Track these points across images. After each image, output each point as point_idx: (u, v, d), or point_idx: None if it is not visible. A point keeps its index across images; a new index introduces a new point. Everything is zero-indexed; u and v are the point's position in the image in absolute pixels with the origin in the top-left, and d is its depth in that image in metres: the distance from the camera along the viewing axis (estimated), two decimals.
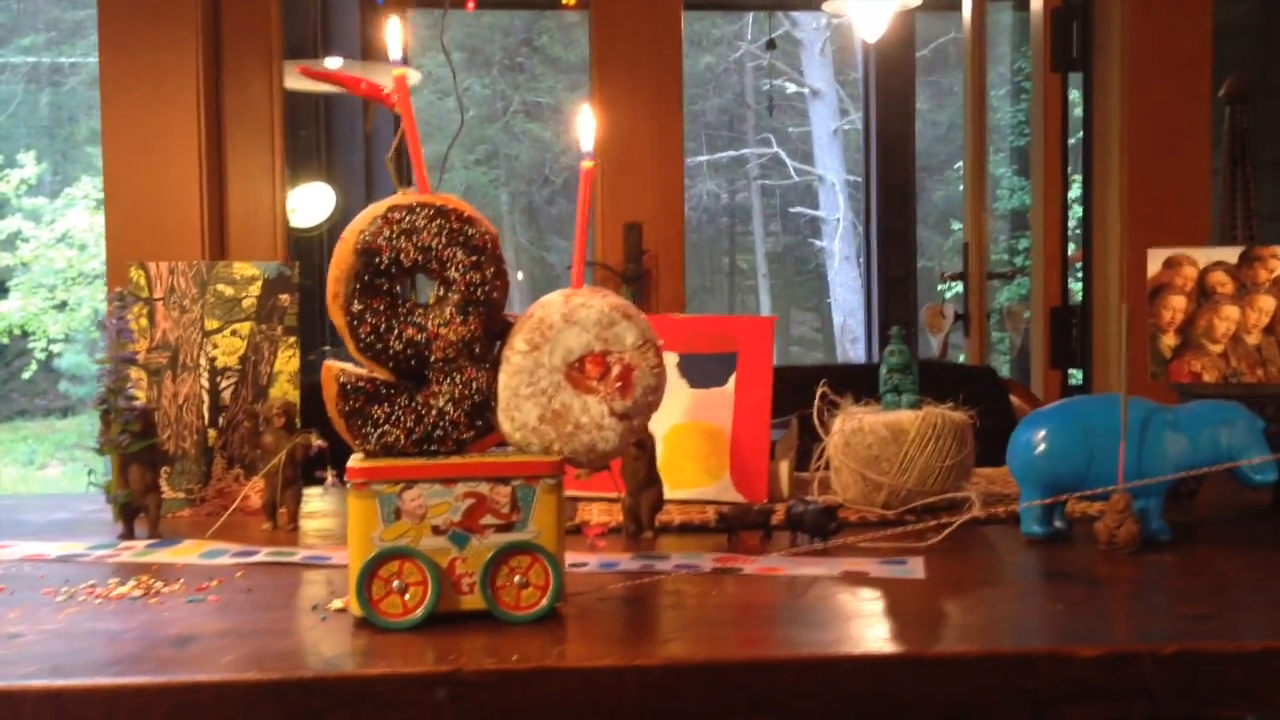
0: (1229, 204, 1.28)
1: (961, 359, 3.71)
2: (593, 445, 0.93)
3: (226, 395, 1.35)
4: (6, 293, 9.70)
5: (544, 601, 0.90)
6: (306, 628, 0.90)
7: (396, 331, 0.92)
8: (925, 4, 4.76)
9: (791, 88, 12.40)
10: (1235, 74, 1.30)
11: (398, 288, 0.93)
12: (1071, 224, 3.08)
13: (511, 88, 12.45)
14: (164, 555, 1.14)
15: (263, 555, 1.13)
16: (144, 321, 1.35)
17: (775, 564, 1.09)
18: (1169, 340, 1.29)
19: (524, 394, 0.93)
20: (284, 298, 1.37)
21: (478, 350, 0.93)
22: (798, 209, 12.87)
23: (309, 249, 3.74)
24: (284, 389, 1.36)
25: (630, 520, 1.24)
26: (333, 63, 3.81)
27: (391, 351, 0.92)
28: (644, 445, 1.23)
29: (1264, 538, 1.21)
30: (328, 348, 3.85)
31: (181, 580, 1.04)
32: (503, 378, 0.93)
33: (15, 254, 9.74)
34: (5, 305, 9.64)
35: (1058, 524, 1.20)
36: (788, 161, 12.61)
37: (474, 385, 0.93)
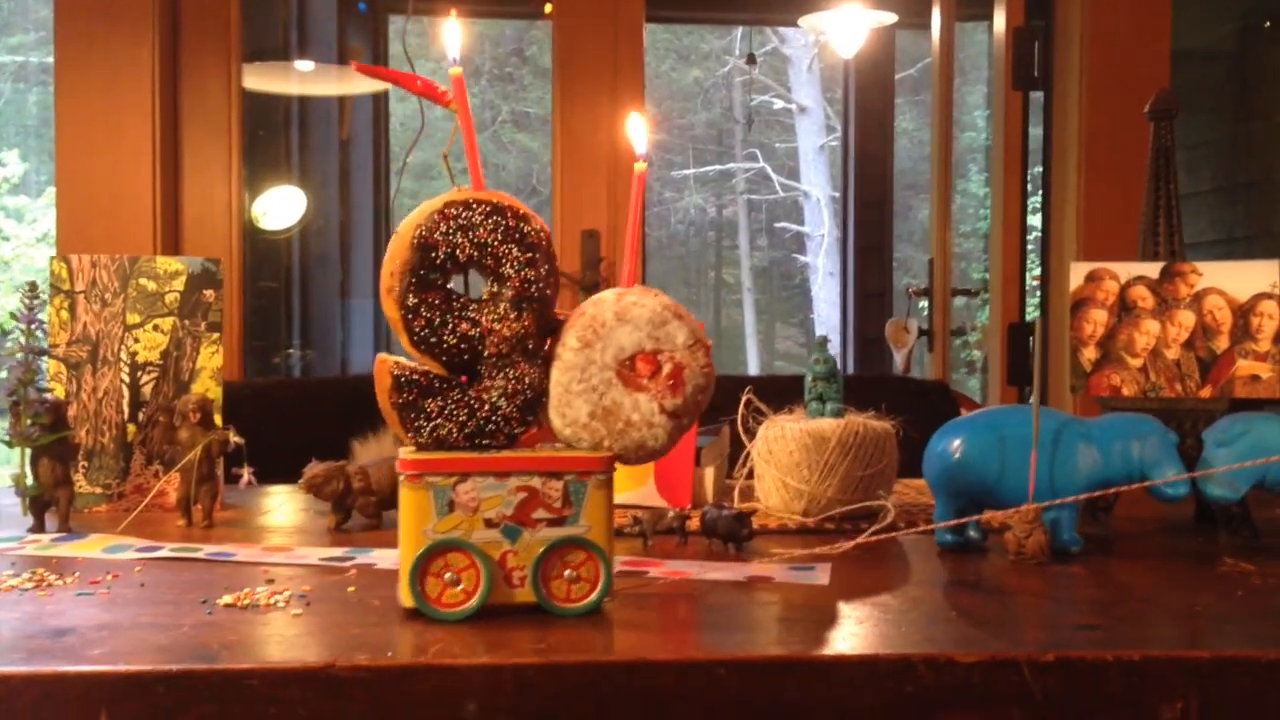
0: (1152, 220, 1.28)
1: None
2: (642, 443, 0.93)
3: (147, 390, 1.35)
4: None
5: (593, 595, 0.91)
6: (189, 623, 0.89)
7: (450, 326, 0.93)
8: (909, 23, 4.78)
9: (779, 103, 12.44)
10: (1159, 92, 1.31)
11: (452, 283, 0.94)
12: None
13: (500, 97, 12.46)
14: (67, 549, 1.13)
15: (166, 551, 1.12)
16: (64, 314, 1.34)
17: (683, 568, 1.09)
18: (1089, 354, 1.29)
19: (575, 390, 0.93)
20: (208, 293, 1.36)
21: (530, 346, 0.94)
22: (783, 224, 12.89)
23: (276, 252, 3.73)
24: (206, 385, 1.35)
25: None
26: (304, 66, 3.80)
27: (445, 345, 0.93)
28: None
29: (1175, 551, 1.21)
30: (292, 350, 3.85)
31: (78, 574, 1.03)
32: (555, 374, 0.94)
33: None
34: None
35: (971, 534, 1.20)
36: (774, 176, 12.64)
37: (526, 381, 0.94)
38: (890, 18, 4.37)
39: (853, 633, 0.89)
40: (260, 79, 3.41)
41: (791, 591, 1.00)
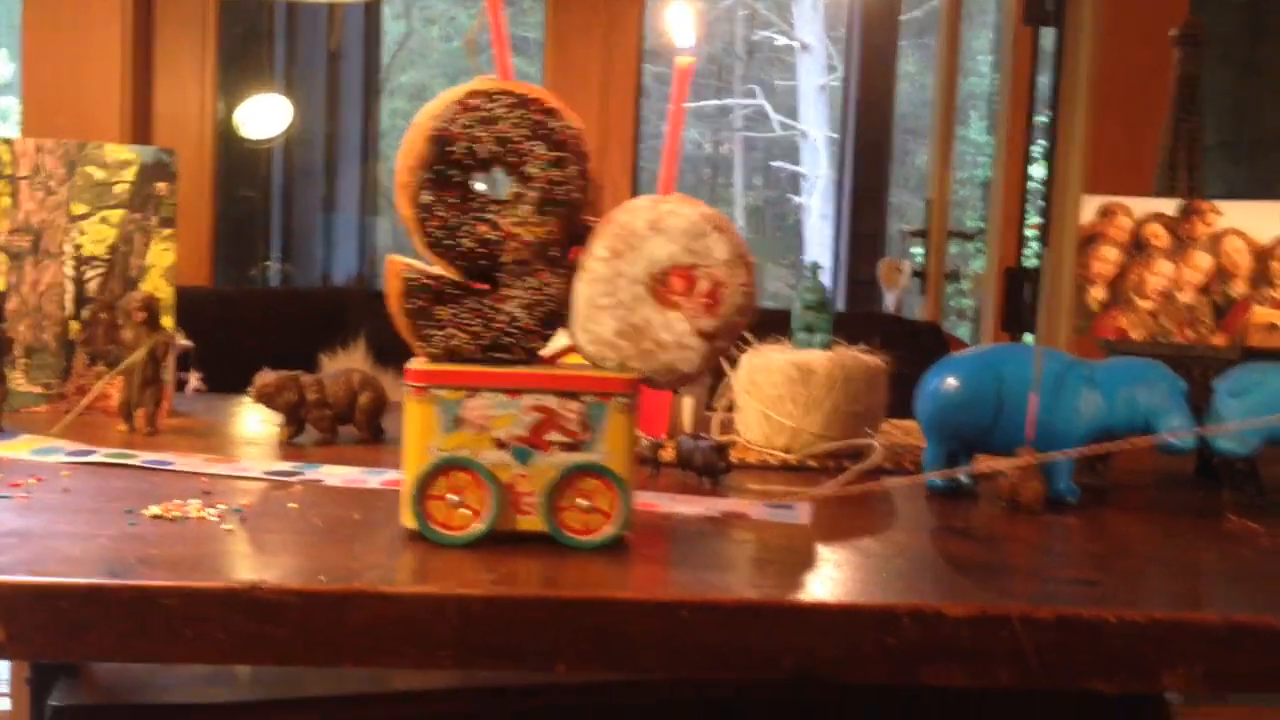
0: (1171, 153, 1.20)
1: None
2: (673, 365, 0.85)
3: (93, 286, 1.26)
4: None
5: (609, 528, 0.83)
6: (108, 534, 0.81)
7: (468, 228, 0.85)
8: None
9: (781, 39, 12.24)
10: (1187, 17, 1.22)
11: (471, 180, 0.86)
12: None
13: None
14: None
15: (99, 455, 1.04)
16: (5, 201, 1.25)
17: (653, 500, 1.01)
18: (1097, 294, 1.22)
19: (601, 305, 0.85)
20: (161, 186, 1.27)
21: (554, 254, 0.86)
22: (779, 163, 12.75)
23: (255, 161, 3.63)
24: (156, 284, 1.27)
25: None
26: None
27: (461, 248, 0.85)
28: None
29: (1176, 506, 1.14)
30: (270, 263, 3.75)
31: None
32: (579, 286, 0.85)
33: None
34: None
35: (963, 478, 1.13)
36: (772, 115, 12.47)
37: (548, 291, 0.86)
38: None
39: (832, 578, 0.82)
40: None
41: (768, 531, 0.93)
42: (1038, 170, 2.91)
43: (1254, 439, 1.06)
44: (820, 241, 11.89)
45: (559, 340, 0.89)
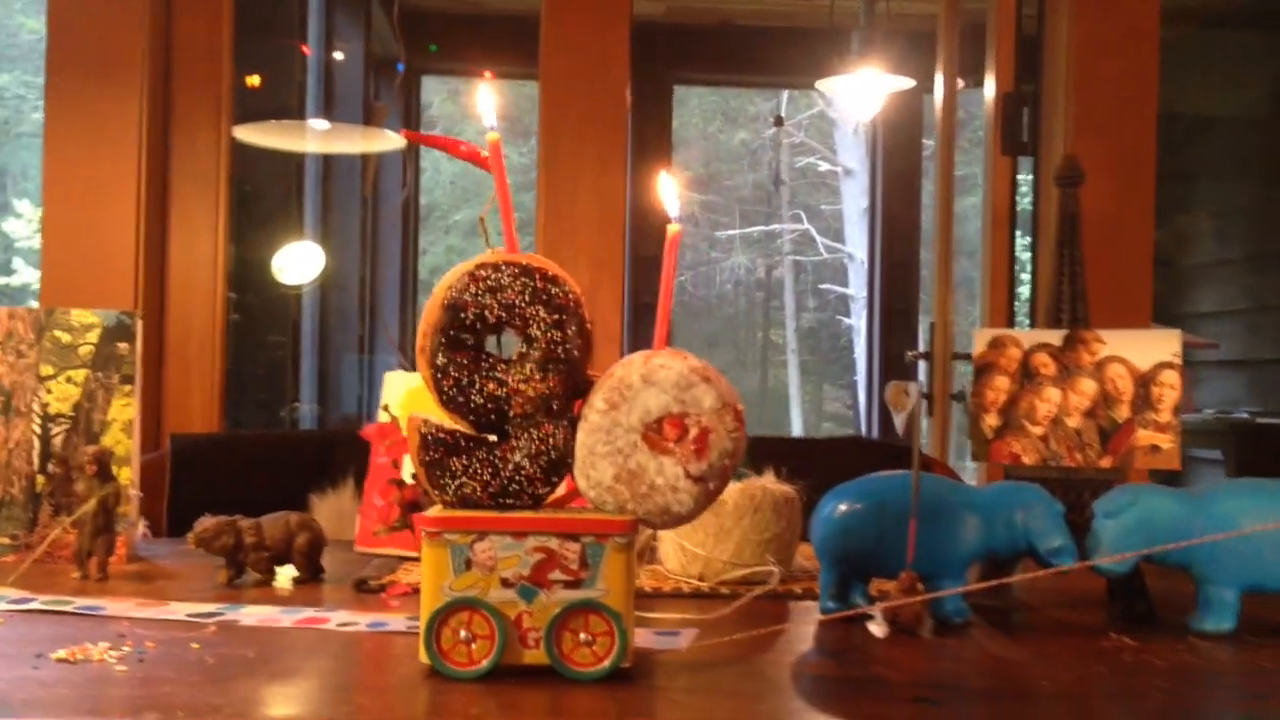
0: (1055, 285, 1.26)
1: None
2: (667, 507, 0.93)
3: (58, 442, 1.36)
4: None
5: (606, 661, 0.91)
6: (9, 676, 0.89)
7: (478, 386, 0.94)
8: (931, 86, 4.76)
9: (824, 165, 12.45)
10: (1064, 158, 1.29)
11: (482, 343, 0.96)
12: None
13: None
14: None
15: (37, 603, 1.13)
16: None
17: None
18: (991, 420, 1.27)
19: (600, 452, 0.93)
20: (123, 346, 1.38)
21: (556, 407, 0.94)
22: (827, 285, 12.86)
23: (285, 307, 3.78)
24: (117, 437, 1.36)
25: None
26: (319, 124, 3.87)
27: (473, 405, 0.94)
28: None
29: (1066, 626, 1.17)
30: (299, 404, 3.88)
31: None
32: (580, 435, 0.94)
33: None
34: None
35: (859, 601, 1.17)
36: (818, 238, 12.63)
37: (551, 441, 0.94)
38: (909, 82, 4.36)
39: (665, 701, 0.87)
40: (275, 137, 3.47)
41: (641, 658, 0.99)
42: (1026, 291, 2.96)
43: (1131, 557, 1.10)
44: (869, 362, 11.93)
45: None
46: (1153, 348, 1.22)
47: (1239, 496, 1.12)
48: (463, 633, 0.90)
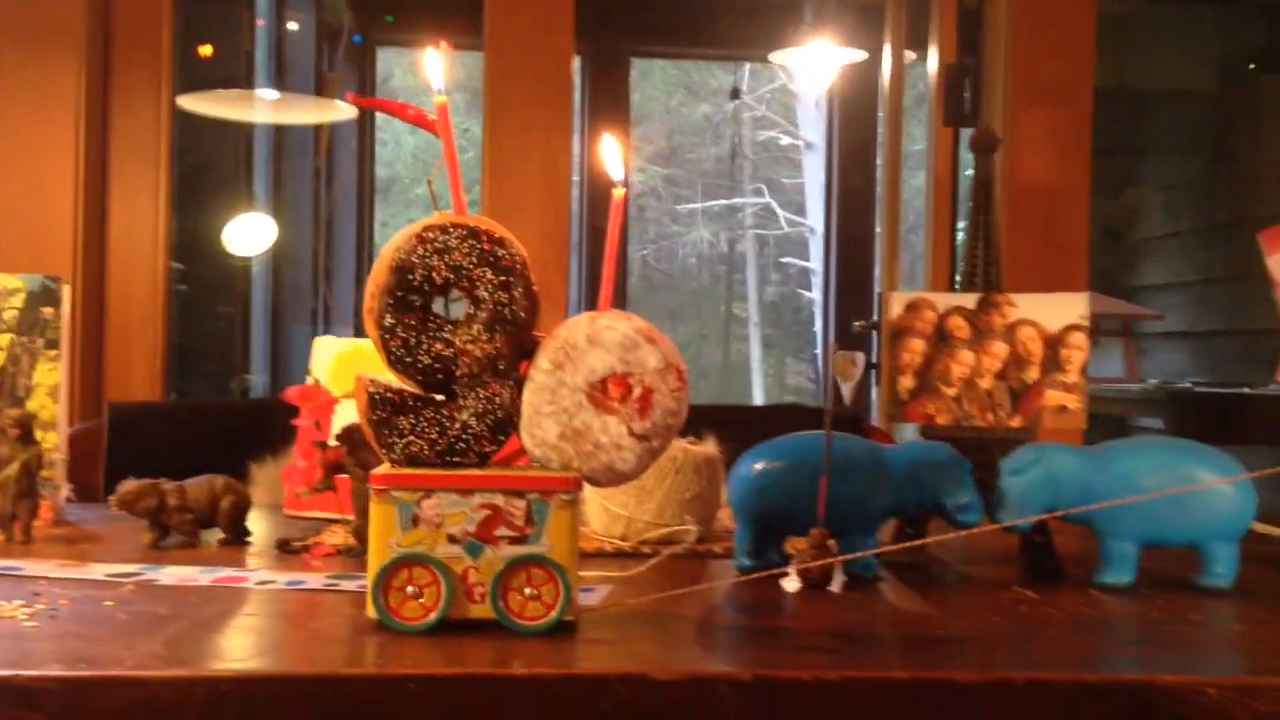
0: (972, 250, 1.29)
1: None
2: (611, 465, 0.95)
3: None
4: None
5: (551, 614, 0.92)
6: None
7: (425, 346, 0.96)
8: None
9: (785, 139, 12.47)
10: (980, 126, 1.32)
11: (430, 304, 0.97)
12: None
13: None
14: None
15: None
16: None
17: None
18: (906, 382, 1.29)
19: (545, 411, 0.94)
20: (47, 311, 1.38)
21: (502, 367, 0.96)
22: (788, 259, 12.90)
23: (234, 278, 3.77)
24: (42, 401, 1.37)
25: (360, 542, 1.24)
26: (268, 94, 3.84)
27: (420, 365, 0.96)
28: (369, 467, 1.23)
29: (974, 580, 1.20)
30: (249, 375, 3.87)
31: None
32: (526, 394, 0.95)
33: None
34: None
35: (775, 557, 1.20)
36: (779, 212, 12.66)
37: (497, 401, 0.96)
38: (861, 55, 4.38)
39: (571, 653, 0.89)
40: (222, 106, 3.44)
41: None
42: None
43: (1032, 513, 1.13)
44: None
45: None
46: (1062, 311, 1.24)
47: (1139, 454, 1.15)
48: (410, 588, 0.92)
